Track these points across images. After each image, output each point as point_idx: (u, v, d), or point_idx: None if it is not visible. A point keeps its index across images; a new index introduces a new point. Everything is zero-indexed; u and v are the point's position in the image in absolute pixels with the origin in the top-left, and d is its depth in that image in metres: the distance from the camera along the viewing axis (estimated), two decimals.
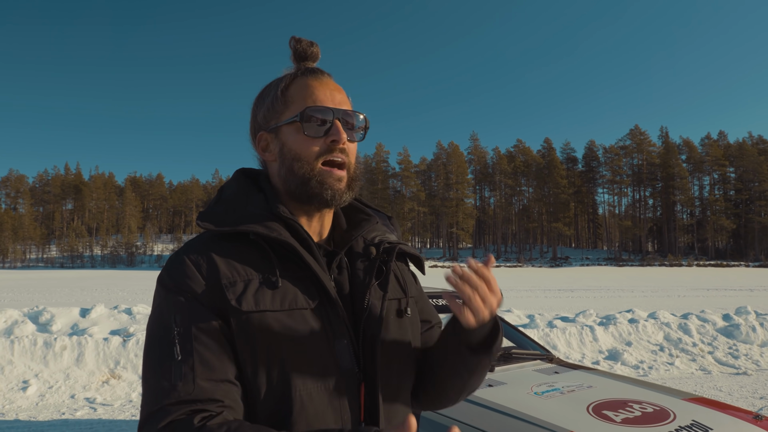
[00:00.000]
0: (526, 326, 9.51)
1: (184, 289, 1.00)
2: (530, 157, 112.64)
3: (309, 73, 1.12)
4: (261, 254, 1.05)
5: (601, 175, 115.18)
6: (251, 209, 1.08)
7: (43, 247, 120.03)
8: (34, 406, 6.35)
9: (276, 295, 1.01)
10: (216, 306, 0.99)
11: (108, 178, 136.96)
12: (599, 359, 8.80)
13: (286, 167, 1.10)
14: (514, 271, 71.30)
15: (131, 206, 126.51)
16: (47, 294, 26.56)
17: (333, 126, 1.08)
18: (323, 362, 1.01)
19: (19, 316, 8.21)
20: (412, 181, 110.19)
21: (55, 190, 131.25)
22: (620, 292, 27.39)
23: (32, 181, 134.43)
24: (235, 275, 1.01)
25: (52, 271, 76.82)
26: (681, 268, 79.08)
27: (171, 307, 1.00)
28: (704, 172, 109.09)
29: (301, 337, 1.00)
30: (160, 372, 0.95)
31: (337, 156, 1.09)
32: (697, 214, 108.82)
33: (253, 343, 0.97)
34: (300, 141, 1.08)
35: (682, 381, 7.80)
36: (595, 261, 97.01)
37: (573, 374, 3.25)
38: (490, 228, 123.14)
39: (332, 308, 1.05)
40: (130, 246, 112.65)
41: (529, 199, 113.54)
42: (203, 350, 0.95)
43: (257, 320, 0.98)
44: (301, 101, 1.09)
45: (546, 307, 18.03)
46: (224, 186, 1.18)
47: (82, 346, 7.47)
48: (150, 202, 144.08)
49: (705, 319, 10.34)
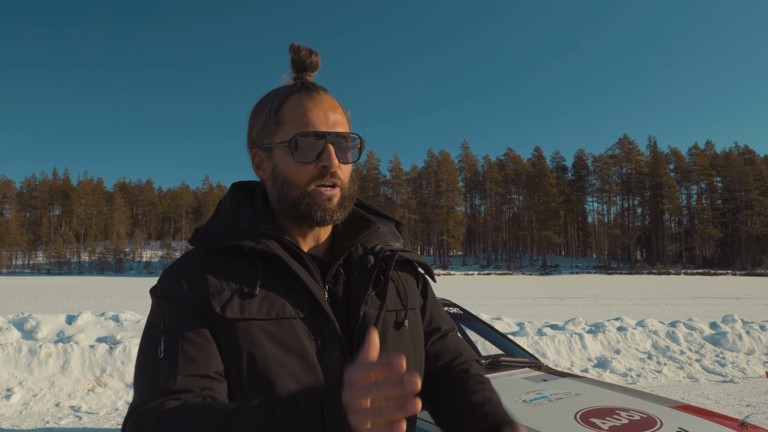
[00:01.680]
0: (515, 334, 9.52)
1: (172, 296, 1.02)
2: (520, 165, 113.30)
3: (304, 91, 1.09)
4: (250, 265, 1.05)
5: (591, 184, 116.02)
6: (241, 224, 1.09)
7: (29, 254, 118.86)
8: (18, 415, 6.26)
9: (263, 304, 1.01)
10: (203, 311, 1.00)
11: (97, 184, 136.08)
12: (588, 367, 8.83)
13: (278, 189, 1.10)
14: (504, 279, 71.52)
15: (120, 212, 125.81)
16: (33, 300, 26.28)
17: (325, 150, 1.05)
18: (311, 373, 0.99)
19: (4, 323, 8.11)
20: (402, 189, 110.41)
21: (42, 195, 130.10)
22: (609, 300, 27.51)
23: (19, 186, 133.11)
24: (223, 285, 1.02)
25: (39, 278, 76.10)
26: (669, 277, 79.69)
27: (159, 311, 1.02)
28: (692, 181, 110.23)
29: (288, 346, 0.99)
30: (146, 371, 0.96)
31: (327, 181, 1.07)
32: (685, 223, 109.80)
33: (238, 350, 0.97)
34: (290, 165, 1.07)
35: (669, 389, 7.83)
36: (584, 269, 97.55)
37: (561, 382, 3.26)
38: (480, 236, 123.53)
39: (323, 318, 1.04)
40: (118, 252, 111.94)
41: (520, 207, 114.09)
42: (187, 346, 0.96)
43: (242, 328, 0.98)
44: (293, 123, 1.06)
45: (536, 314, 18.06)
46: (221, 201, 1.20)
47: (68, 353, 7.38)
48: (139, 208, 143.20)
49: (692, 327, 10.40)
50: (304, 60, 1.13)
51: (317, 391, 0.78)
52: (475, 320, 4.48)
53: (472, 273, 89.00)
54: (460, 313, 4.39)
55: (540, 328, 10.19)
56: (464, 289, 40.87)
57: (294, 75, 1.14)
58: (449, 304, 4.43)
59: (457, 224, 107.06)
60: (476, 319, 4.49)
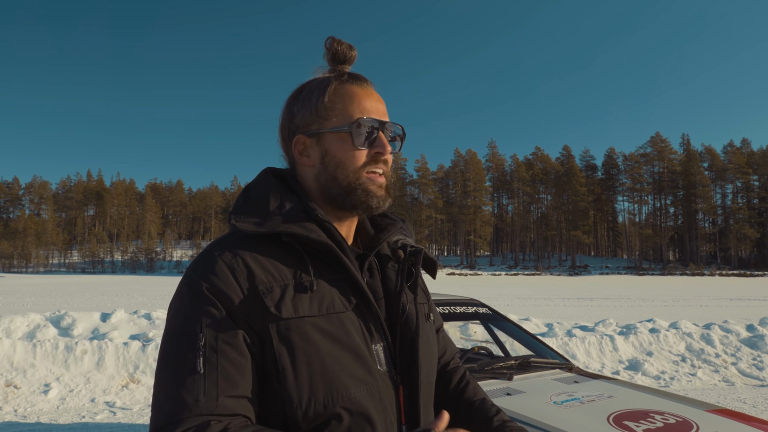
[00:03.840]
0: (544, 335, 9.42)
1: (216, 296, 0.96)
2: (549, 165, 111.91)
3: (354, 81, 1.11)
4: (294, 256, 1.04)
5: (621, 183, 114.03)
6: (287, 210, 1.06)
7: (65, 253, 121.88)
8: (55, 410, 6.42)
9: (313, 300, 0.99)
10: (251, 315, 0.96)
11: (129, 185, 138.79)
12: (619, 369, 8.68)
13: (329, 174, 1.09)
14: (532, 279, 70.76)
15: (151, 212, 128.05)
16: (69, 298, 26.94)
17: (378, 138, 1.09)
18: (364, 366, 1.00)
19: (42, 320, 8.33)
20: (429, 189, 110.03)
21: (77, 196, 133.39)
22: (640, 302, 27.01)
23: (55, 188, 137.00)
24: (271, 280, 0.99)
25: (74, 276, 77.95)
26: (703, 278, 77.78)
27: (198, 313, 0.95)
28: (727, 180, 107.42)
29: (341, 341, 0.99)
30: (182, 383, 0.91)
31: (380, 167, 1.10)
32: (720, 223, 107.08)
33: (292, 349, 0.95)
34: (346, 150, 1.08)
35: (704, 392, 7.65)
36: (614, 270, 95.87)
37: (593, 384, 3.21)
38: (507, 236, 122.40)
39: (369, 310, 1.06)
40: (150, 252, 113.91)
41: (548, 207, 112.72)
42: (228, 365, 0.93)
43: (296, 326, 0.96)
44: (349, 109, 1.08)
45: (565, 315, 17.83)
46: (251, 186, 1.14)
47: (103, 350, 7.55)
48: (170, 209, 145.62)
49: (728, 330, 10.14)
50: (345, 53, 1.14)
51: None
52: (504, 320, 4.44)
53: (499, 273, 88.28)
54: (489, 313, 4.35)
55: (569, 329, 10.06)
56: (492, 289, 40.57)
57: (330, 67, 1.15)
58: (478, 304, 4.40)
59: (484, 224, 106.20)
60: (505, 320, 4.45)
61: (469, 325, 9.09)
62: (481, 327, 7.79)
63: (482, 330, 8.04)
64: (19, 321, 8.11)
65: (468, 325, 9.09)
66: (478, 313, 4.26)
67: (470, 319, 4.35)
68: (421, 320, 1.14)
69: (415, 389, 1.07)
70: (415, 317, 1.12)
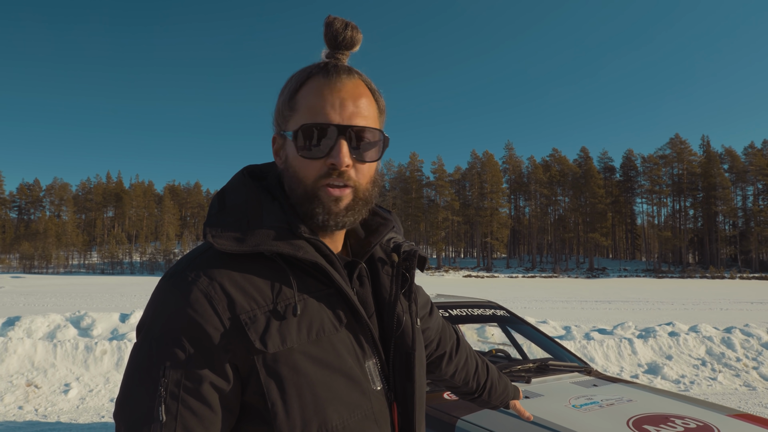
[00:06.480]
0: (562, 338, 9.35)
1: (189, 333, 0.85)
2: (566, 167, 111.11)
3: (322, 74, 0.93)
4: (277, 273, 0.91)
5: (640, 185, 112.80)
6: (269, 223, 0.92)
7: (84, 254, 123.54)
8: (75, 409, 6.51)
9: (302, 325, 0.89)
10: (233, 349, 0.86)
11: (147, 186, 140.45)
12: (638, 373, 8.59)
13: (287, 182, 0.97)
14: (549, 282, 70.23)
15: (169, 214, 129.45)
16: (88, 299, 27.31)
17: (335, 147, 0.90)
18: (357, 388, 0.93)
19: (62, 321, 8.44)
20: (446, 191, 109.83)
21: (96, 197, 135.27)
22: (660, 305, 26.68)
23: (75, 189, 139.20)
24: (253, 306, 0.87)
25: (93, 277, 78.94)
26: (723, 281, 76.60)
27: (163, 353, 0.85)
28: (748, 182, 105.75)
29: (332, 367, 0.90)
30: (140, 428, 0.83)
31: (336, 181, 0.92)
32: (740, 225, 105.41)
33: (283, 383, 0.87)
34: (298, 159, 0.93)
35: (725, 397, 7.54)
36: (633, 272, 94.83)
37: (612, 387, 3.18)
38: (525, 238, 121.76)
39: (360, 326, 0.97)
40: (168, 253, 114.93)
41: (565, 209, 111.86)
42: (189, 416, 0.83)
43: (284, 358, 0.87)
44: (303, 111, 0.92)
45: (582, 318, 17.68)
46: (227, 189, 1.00)
47: (122, 350, 7.63)
48: (187, 210, 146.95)
49: (749, 333, 9.98)
50: (335, 34, 0.95)
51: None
52: (521, 323, 4.42)
53: (516, 275, 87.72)
54: (507, 316, 4.33)
55: (587, 332, 9.97)
56: (508, 291, 40.34)
57: (327, 52, 0.98)
58: (495, 306, 4.38)
59: (501, 226, 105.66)
60: (523, 322, 4.43)
61: (486, 327, 9.05)
62: (498, 329, 7.76)
63: (500, 332, 8.01)
64: (40, 321, 8.23)
65: (485, 327, 9.05)
66: (495, 315, 4.24)
67: (488, 322, 4.33)
68: (417, 334, 1.05)
69: (410, 406, 1.01)
70: (410, 330, 1.03)
